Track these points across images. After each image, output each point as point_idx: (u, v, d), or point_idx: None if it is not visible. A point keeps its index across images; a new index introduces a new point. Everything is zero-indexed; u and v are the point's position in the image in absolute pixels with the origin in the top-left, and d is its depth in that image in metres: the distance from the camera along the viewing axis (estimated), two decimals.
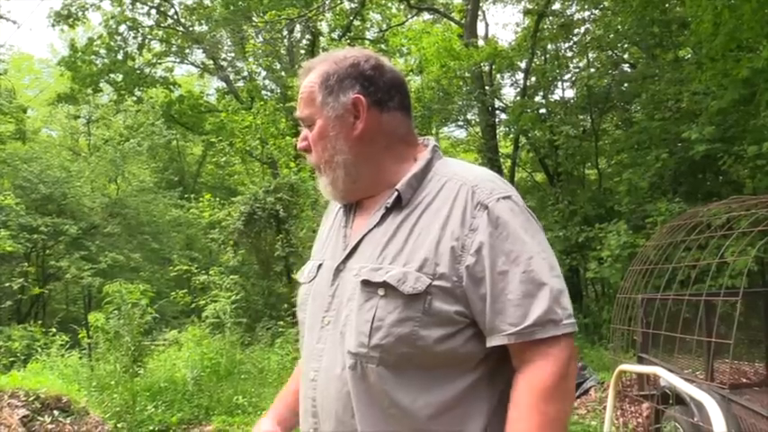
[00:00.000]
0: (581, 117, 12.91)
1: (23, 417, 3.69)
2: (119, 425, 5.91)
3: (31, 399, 3.82)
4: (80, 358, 7.51)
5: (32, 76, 27.64)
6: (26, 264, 13.55)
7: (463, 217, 1.19)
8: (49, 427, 3.73)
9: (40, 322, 11.21)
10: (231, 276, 9.49)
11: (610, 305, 10.56)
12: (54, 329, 8.41)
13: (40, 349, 7.67)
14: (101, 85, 22.56)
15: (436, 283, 1.16)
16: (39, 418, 3.73)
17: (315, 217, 12.06)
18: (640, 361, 4.73)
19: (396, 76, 1.33)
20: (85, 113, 25.40)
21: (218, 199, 12.65)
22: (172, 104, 23.34)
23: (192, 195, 16.05)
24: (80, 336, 7.83)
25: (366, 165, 1.30)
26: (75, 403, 3.99)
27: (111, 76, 22.00)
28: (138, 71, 21.69)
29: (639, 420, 4.99)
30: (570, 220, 10.67)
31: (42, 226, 17.12)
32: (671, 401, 4.15)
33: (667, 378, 3.48)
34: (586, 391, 6.26)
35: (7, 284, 11.30)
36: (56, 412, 3.82)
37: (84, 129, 25.86)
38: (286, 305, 10.97)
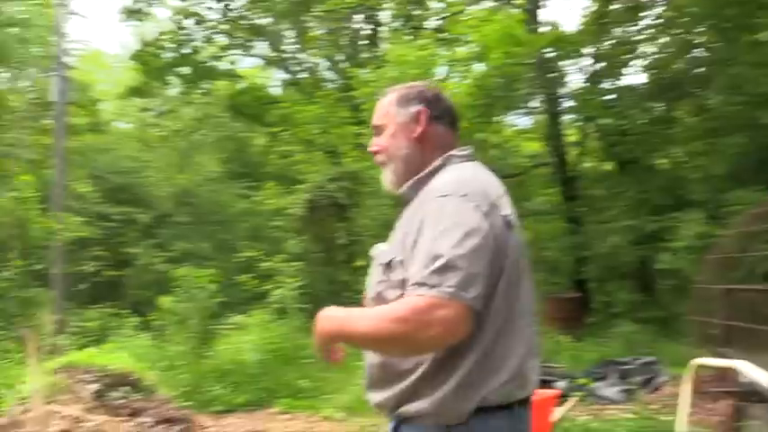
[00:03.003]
0: (651, 104, 12.40)
1: (95, 391, 3.80)
2: (186, 403, 6.06)
3: (103, 374, 3.94)
4: (151, 339, 7.74)
5: (105, 71, 28.57)
6: (99, 249, 14.08)
7: (420, 206, 1.62)
8: (120, 402, 3.83)
9: (114, 305, 11.63)
10: (295, 263, 9.58)
11: (684, 298, 10.15)
12: (126, 311, 8.71)
13: (113, 330, 7.95)
14: (169, 77, 23.05)
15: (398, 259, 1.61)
16: (109, 393, 3.84)
17: (377, 206, 12.04)
18: (719, 355, 4.47)
19: (449, 105, 1.82)
20: (155, 106, 26.25)
21: (282, 187, 12.80)
22: (236, 96, 23.74)
23: (257, 185, 16.30)
24: (151, 318, 8.07)
25: (415, 160, 1.74)
26: (144, 381, 4.09)
27: (179, 69, 22.49)
28: (204, 64, 22.12)
29: (716, 418, 4.73)
30: (640, 210, 10.28)
31: (116, 214, 17.81)
32: (753, 398, 3.90)
33: (751, 374, 3.26)
34: (658, 387, 6.01)
35: (83, 268, 11.76)
36: (126, 388, 3.92)
37: (154, 121, 26.68)
38: (348, 293, 11.01)
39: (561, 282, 14.10)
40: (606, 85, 12.92)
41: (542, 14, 14.17)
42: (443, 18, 15.78)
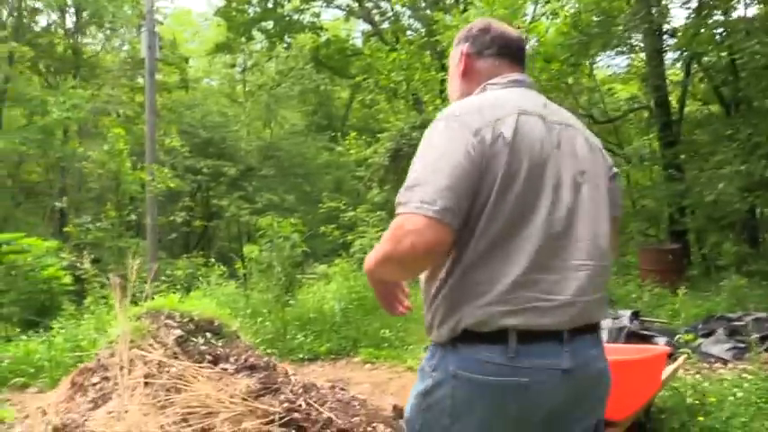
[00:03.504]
0: (766, 39, 11.16)
1: (178, 337, 3.77)
2: (269, 350, 6.07)
3: (186, 320, 3.90)
4: (236, 287, 7.83)
5: (192, 30, 29.15)
6: (186, 200, 14.47)
7: None
8: (202, 348, 3.78)
9: (202, 254, 11.96)
10: (378, 213, 9.41)
11: None
12: (213, 261, 8.87)
13: (201, 278, 8.11)
14: (253, 33, 23.21)
15: None
16: (192, 339, 3.80)
17: None
18: None
19: (498, 35, 1.79)
20: (241, 62, 26.62)
21: (364, 138, 12.61)
22: (319, 49, 23.64)
23: (340, 136, 16.25)
24: (236, 266, 8.16)
25: (461, 96, 1.76)
26: (226, 327, 4.03)
27: (263, 24, 22.55)
28: (287, 18, 22.05)
29: None
30: (752, 154, 9.35)
31: (204, 168, 18.31)
32: None
33: None
34: None
35: (173, 219, 12.12)
36: (208, 334, 3.87)
37: (239, 77, 27.10)
38: None
39: (659, 233, 13.29)
40: (715, 18, 11.75)
41: None
42: None
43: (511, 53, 1.78)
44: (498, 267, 1.48)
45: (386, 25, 21.85)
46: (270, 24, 22.29)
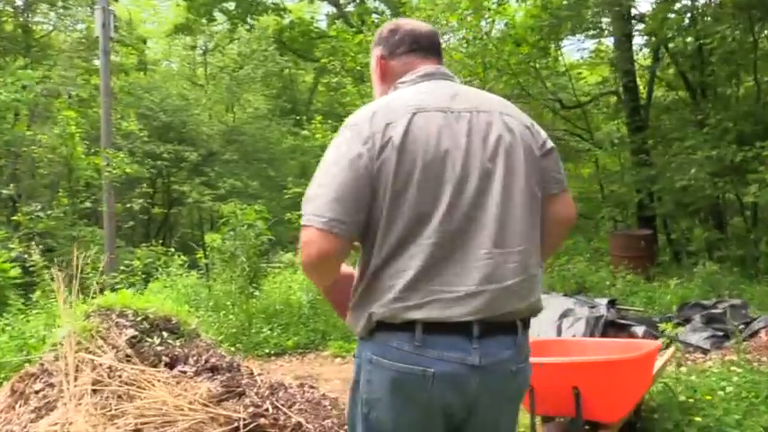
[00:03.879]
0: (733, 23, 11.13)
1: (131, 337, 3.42)
2: (235, 346, 5.75)
3: (140, 319, 3.55)
4: (198, 278, 7.46)
5: (150, 10, 28.21)
6: (144, 186, 13.83)
7: None
8: (158, 348, 3.45)
9: (162, 243, 11.47)
10: None
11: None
12: (173, 249, 8.45)
13: (160, 269, 7.70)
14: (215, 14, 22.55)
15: None
16: (147, 339, 3.46)
17: None
18: None
19: (407, 32, 1.77)
20: (201, 43, 25.85)
21: (330, 122, 12.23)
22: (283, 31, 23.13)
23: (305, 120, 15.83)
24: (198, 256, 7.78)
25: None
26: (185, 325, 3.70)
27: (224, 4, 21.89)
28: None
29: None
30: (722, 139, 9.32)
31: (165, 153, 17.67)
32: None
33: None
34: (755, 333, 5.35)
35: (131, 206, 11.58)
36: (165, 334, 3.53)
37: (200, 59, 26.35)
38: None
39: (627, 218, 13.28)
40: (683, 2, 11.69)
41: None
42: None
43: (422, 47, 1.76)
44: (401, 266, 1.52)
45: (351, 8, 21.40)
46: (232, 5, 21.65)
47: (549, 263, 10.09)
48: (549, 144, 1.73)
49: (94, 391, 3.02)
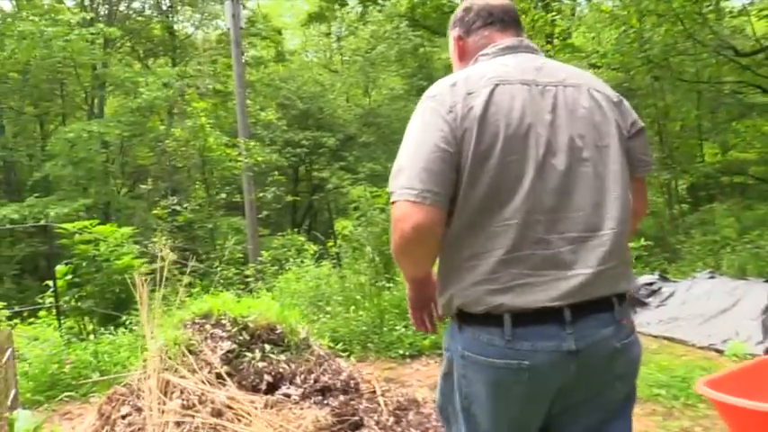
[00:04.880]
0: None
1: (227, 352, 2.85)
2: (365, 347, 5.13)
3: (239, 328, 2.98)
4: (330, 269, 6.95)
5: (287, 5, 28.85)
6: (277, 174, 13.74)
7: None
8: (259, 365, 2.86)
9: (297, 231, 11.22)
10: None
11: None
12: (304, 237, 8.05)
13: (291, 259, 7.31)
14: None
15: None
16: (246, 353, 2.87)
17: None
18: None
19: (482, 7, 1.73)
20: (336, 30, 25.98)
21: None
22: (415, 8, 22.62)
23: None
24: (329, 245, 7.30)
25: None
26: (292, 335, 3.08)
27: None
28: None
29: None
30: None
31: (304, 140, 17.74)
32: None
33: None
34: None
35: (271, 195, 11.46)
36: (267, 346, 2.93)
37: (336, 46, 26.52)
38: None
39: None
40: None
41: None
42: None
43: (499, 20, 1.70)
44: (482, 244, 1.46)
45: None
46: None
47: (733, 237, 8.53)
48: (640, 123, 1.66)
49: (177, 424, 2.46)
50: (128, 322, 5.56)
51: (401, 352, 4.99)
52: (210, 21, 20.09)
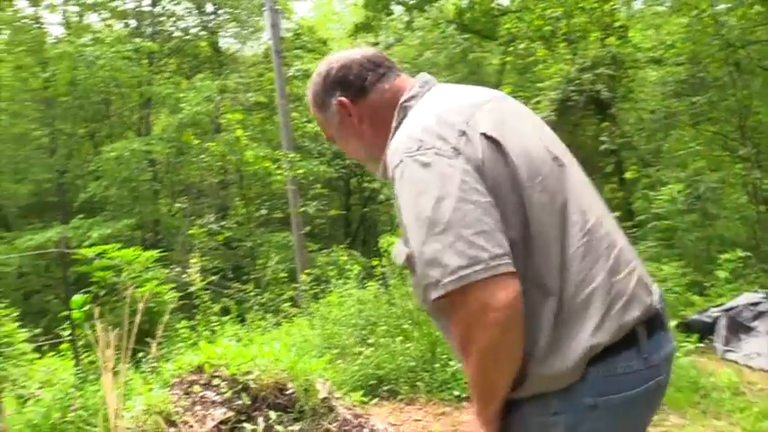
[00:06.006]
0: None
1: (220, 423, 2.16)
2: (413, 385, 4.38)
3: (237, 388, 2.29)
4: (376, 291, 6.23)
5: (331, 14, 28.96)
6: (318, 186, 13.12)
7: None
8: None
9: (349, 245, 10.56)
10: None
11: None
12: (345, 257, 7.36)
13: (332, 281, 6.63)
14: (392, 7, 22.23)
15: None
16: (245, 425, 2.18)
17: (650, 96, 9.21)
18: None
19: (362, 59, 1.47)
20: (383, 39, 25.60)
21: (521, 93, 10.48)
22: (463, 13, 22.07)
23: None
24: (374, 263, 6.59)
25: (378, 144, 1.43)
26: (308, 397, 2.36)
27: None
28: None
29: None
30: None
31: None
32: None
33: None
34: None
35: (302, 209, 10.86)
36: (272, 414, 2.23)
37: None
38: (616, 213, 8.53)
39: None
40: None
41: None
42: None
43: (386, 67, 1.48)
44: (579, 275, 1.24)
45: None
46: None
47: None
48: None
49: None
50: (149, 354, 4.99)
51: (456, 393, 4.22)
52: (254, 35, 19.92)
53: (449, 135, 1.24)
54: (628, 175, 8.68)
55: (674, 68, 10.03)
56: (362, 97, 1.44)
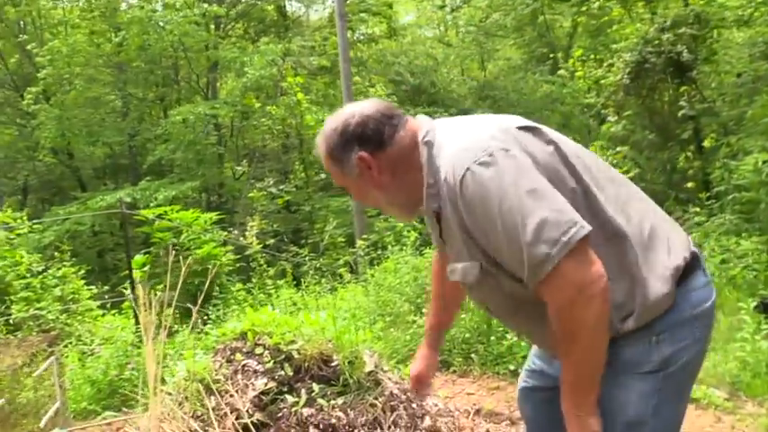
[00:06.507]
0: None
1: (261, 393, 2.09)
2: (468, 358, 4.25)
3: (279, 359, 2.21)
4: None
5: None
6: None
7: (454, 209, 1.39)
8: (304, 412, 2.07)
9: None
10: (617, 149, 7.00)
11: None
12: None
13: (390, 246, 6.53)
14: None
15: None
16: (287, 395, 2.09)
17: (736, 57, 8.56)
18: None
19: (377, 114, 1.52)
20: (450, 0, 24.90)
21: (593, 56, 9.97)
22: None
23: (563, 62, 13.65)
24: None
25: (404, 191, 1.54)
26: (354, 368, 2.26)
27: None
28: None
29: None
30: None
31: (416, 115, 16.97)
32: None
33: None
34: None
35: None
36: (316, 386, 2.14)
37: (449, 18, 25.48)
38: (692, 183, 8.04)
39: None
40: None
41: None
42: None
43: (397, 116, 1.54)
44: (639, 220, 1.45)
45: None
46: None
47: None
48: None
49: None
50: (205, 317, 5.04)
51: (511, 368, 4.05)
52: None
53: (503, 135, 1.39)
54: (706, 143, 8.13)
55: (765, 29, 9.28)
56: (381, 150, 1.50)
